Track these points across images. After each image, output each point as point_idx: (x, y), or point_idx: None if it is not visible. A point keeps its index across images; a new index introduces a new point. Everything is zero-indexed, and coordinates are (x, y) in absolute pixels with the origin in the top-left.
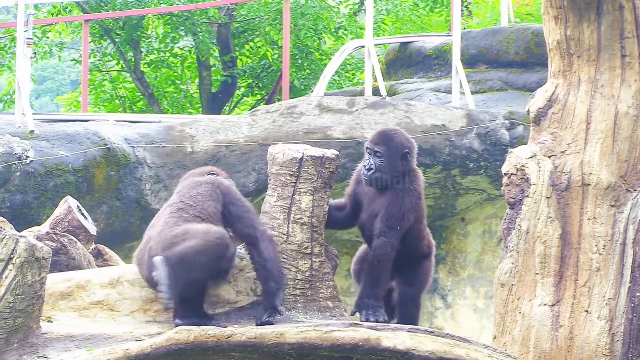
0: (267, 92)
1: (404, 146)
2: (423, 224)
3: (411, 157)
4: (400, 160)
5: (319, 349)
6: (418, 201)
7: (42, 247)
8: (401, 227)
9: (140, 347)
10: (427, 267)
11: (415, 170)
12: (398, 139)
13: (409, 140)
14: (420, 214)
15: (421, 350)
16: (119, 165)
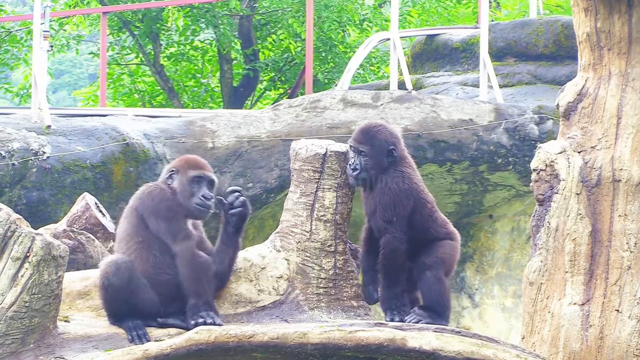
0: (289, 86)
1: (389, 142)
2: (429, 207)
3: (397, 151)
4: (386, 157)
5: (343, 349)
6: (411, 185)
7: (59, 245)
8: (400, 216)
9: (159, 348)
10: (447, 246)
11: (404, 158)
12: (382, 135)
13: (393, 134)
14: (421, 197)
15: (448, 351)
16: (138, 161)
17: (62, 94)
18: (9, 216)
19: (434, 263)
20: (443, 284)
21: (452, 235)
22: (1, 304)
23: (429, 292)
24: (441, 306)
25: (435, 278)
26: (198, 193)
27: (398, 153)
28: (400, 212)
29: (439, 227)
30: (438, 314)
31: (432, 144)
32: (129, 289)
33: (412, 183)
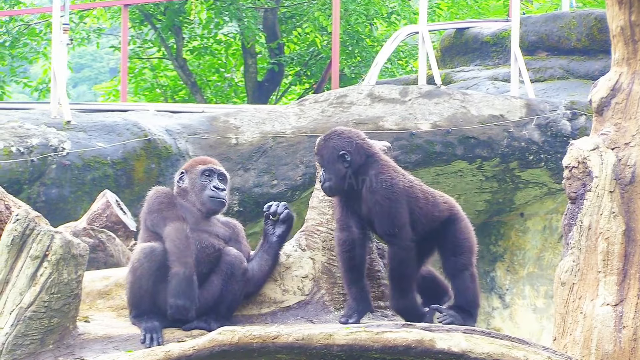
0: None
1: (338, 149)
2: (424, 198)
3: (353, 154)
4: (341, 164)
5: (369, 350)
6: (398, 188)
7: (78, 244)
8: (400, 224)
9: (181, 349)
10: (465, 232)
11: (377, 159)
12: (331, 143)
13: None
14: (412, 192)
15: (477, 353)
16: (160, 158)
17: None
18: (28, 214)
19: (468, 261)
20: (476, 282)
21: (453, 208)
22: (20, 304)
23: (466, 292)
24: (474, 306)
25: (472, 277)
26: (209, 185)
27: (355, 157)
28: (401, 221)
29: (441, 206)
30: (470, 314)
31: (462, 141)
32: (157, 275)
33: (398, 187)
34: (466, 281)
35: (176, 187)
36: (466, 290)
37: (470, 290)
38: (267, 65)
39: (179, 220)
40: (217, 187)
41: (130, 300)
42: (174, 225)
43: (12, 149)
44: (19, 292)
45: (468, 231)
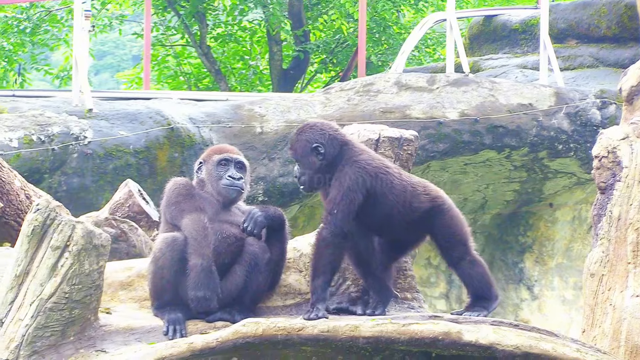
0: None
1: (311, 141)
2: (402, 187)
3: (326, 147)
4: (314, 157)
5: (396, 342)
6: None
7: (100, 234)
8: (341, 210)
9: (205, 341)
10: (448, 222)
11: (351, 147)
12: (304, 136)
13: (316, 131)
14: (385, 179)
15: (505, 345)
16: (183, 147)
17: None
18: (49, 203)
19: (462, 252)
20: (478, 264)
21: (437, 198)
22: (40, 295)
23: (470, 280)
24: (486, 289)
25: (471, 263)
26: (225, 175)
27: (329, 149)
28: (345, 208)
29: (422, 197)
30: (486, 298)
31: (490, 130)
32: (179, 266)
33: (368, 173)
34: (466, 270)
35: (195, 178)
36: (470, 279)
37: (473, 277)
38: (293, 52)
39: (197, 211)
40: (233, 176)
41: (152, 291)
42: (191, 216)
43: (32, 138)
44: (40, 283)
45: (455, 223)
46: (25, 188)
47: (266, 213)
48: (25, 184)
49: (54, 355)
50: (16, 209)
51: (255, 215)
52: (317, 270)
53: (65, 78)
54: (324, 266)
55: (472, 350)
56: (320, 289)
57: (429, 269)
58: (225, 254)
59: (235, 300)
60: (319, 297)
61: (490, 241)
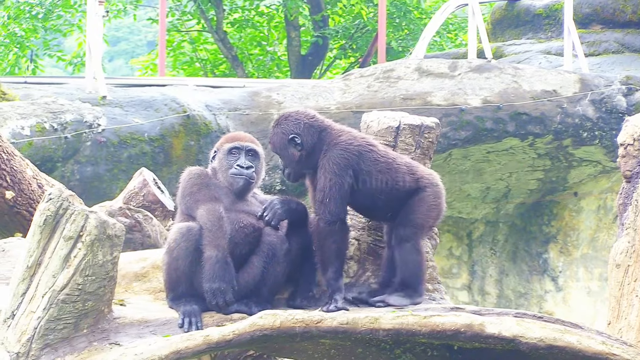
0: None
1: (287, 133)
2: (386, 163)
3: (304, 136)
4: (293, 149)
5: (417, 335)
6: (343, 159)
7: (114, 224)
8: (332, 196)
9: (221, 334)
10: (421, 204)
11: (330, 131)
12: (279, 129)
13: (291, 121)
14: (369, 157)
15: (529, 337)
16: (199, 134)
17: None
18: (61, 193)
19: (412, 234)
20: (421, 255)
21: (423, 181)
22: (52, 287)
23: (406, 264)
24: (418, 280)
25: (415, 249)
26: (234, 164)
27: (307, 138)
28: (333, 193)
29: (407, 176)
30: (413, 289)
31: (513, 117)
32: (194, 256)
33: (351, 154)
34: (407, 253)
35: (210, 166)
36: (404, 263)
37: (409, 262)
38: (311, 38)
39: (212, 201)
40: (240, 164)
41: (167, 283)
42: (206, 207)
43: (45, 125)
44: (52, 274)
45: (423, 205)
46: (38, 177)
47: (287, 207)
48: (38, 173)
49: (66, 348)
50: (28, 199)
51: (275, 207)
52: (324, 263)
53: (79, 64)
54: (329, 257)
55: (495, 343)
56: (334, 280)
57: (451, 260)
58: (242, 245)
59: (252, 292)
60: (335, 288)
61: (514, 231)
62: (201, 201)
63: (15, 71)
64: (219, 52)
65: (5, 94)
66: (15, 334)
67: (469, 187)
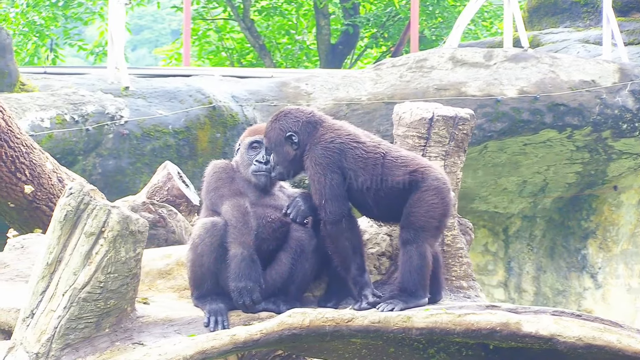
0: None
1: (285, 130)
2: (371, 161)
3: (301, 134)
4: (289, 146)
5: (451, 334)
6: (332, 155)
7: (137, 220)
8: (328, 196)
9: (248, 333)
10: (418, 200)
11: (322, 125)
12: (277, 124)
13: (290, 118)
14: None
15: (567, 336)
16: (226, 126)
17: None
18: (82, 187)
19: (414, 236)
20: (423, 259)
21: (417, 174)
22: (73, 284)
23: (404, 268)
24: (418, 285)
25: (418, 253)
26: (254, 159)
27: (303, 137)
28: (328, 192)
29: (399, 169)
30: (410, 293)
31: (551, 108)
32: (219, 252)
33: (333, 152)
34: (406, 256)
35: (234, 159)
36: (404, 266)
37: (411, 267)
38: (341, 26)
39: (237, 196)
40: (259, 160)
41: (191, 280)
42: (231, 202)
43: (65, 117)
44: (73, 271)
45: (427, 206)
46: (58, 171)
47: (311, 203)
48: (58, 167)
49: (88, 348)
50: (48, 193)
51: (299, 204)
52: (345, 263)
53: (100, 54)
54: (347, 255)
55: (532, 342)
56: (359, 276)
57: (487, 256)
58: (269, 240)
59: (280, 290)
60: (362, 284)
61: (552, 226)
62: (226, 196)
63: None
64: (246, 41)
65: (24, 84)
66: (34, 333)
67: (505, 180)
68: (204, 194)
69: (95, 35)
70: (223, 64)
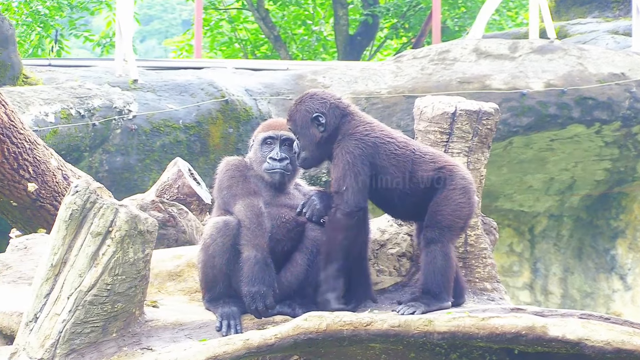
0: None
1: (311, 111)
2: (402, 157)
3: (328, 116)
4: (315, 128)
5: (474, 338)
6: (366, 146)
7: (146, 219)
8: (350, 185)
9: (262, 338)
10: (445, 199)
11: (353, 117)
12: (303, 106)
13: (317, 100)
14: (381, 154)
15: (595, 340)
16: (239, 121)
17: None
18: (89, 185)
19: (439, 236)
20: (448, 260)
21: (444, 170)
22: (79, 287)
23: (427, 269)
24: (441, 287)
25: (442, 253)
26: (268, 156)
27: (330, 119)
28: (352, 181)
29: (427, 164)
30: (433, 295)
31: (579, 102)
32: (232, 253)
33: (366, 145)
34: (432, 257)
35: (248, 156)
36: (427, 266)
37: (435, 267)
38: (360, 16)
39: (251, 195)
40: (273, 156)
41: (203, 282)
42: (244, 202)
43: (71, 112)
44: (79, 273)
45: (450, 202)
46: (63, 168)
47: (327, 202)
48: (63, 164)
49: (94, 353)
50: (52, 191)
51: (314, 202)
52: (329, 257)
53: (107, 45)
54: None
55: (559, 347)
56: (333, 279)
57: (511, 257)
58: (284, 241)
59: (295, 292)
60: (331, 287)
61: (579, 225)
62: (239, 195)
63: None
64: (260, 32)
65: (27, 77)
66: (38, 338)
67: (531, 178)
68: (216, 193)
69: (102, 26)
70: (236, 56)
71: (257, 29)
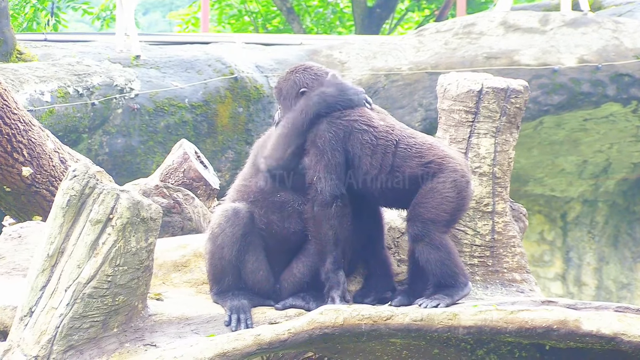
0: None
1: (299, 84)
2: (380, 148)
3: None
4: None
5: (502, 333)
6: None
7: (149, 205)
8: (323, 173)
9: (274, 333)
10: (431, 190)
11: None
12: (293, 76)
13: (309, 74)
14: (354, 148)
15: (632, 335)
16: (249, 100)
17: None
18: (88, 169)
19: (422, 231)
20: (441, 250)
21: (433, 165)
22: (77, 279)
23: (429, 267)
24: (449, 276)
25: (428, 246)
26: None
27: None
28: (323, 170)
29: (413, 160)
30: (451, 285)
31: (614, 79)
32: (242, 244)
33: (338, 128)
34: (424, 254)
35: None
36: (428, 264)
37: (431, 262)
38: None
39: None
40: None
41: (210, 274)
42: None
43: (68, 90)
44: (77, 264)
45: (440, 198)
46: (60, 150)
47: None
48: (60, 146)
49: (93, 350)
50: (49, 176)
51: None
52: (322, 252)
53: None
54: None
55: (593, 342)
56: (332, 272)
57: (542, 245)
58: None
59: (309, 285)
60: (333, 283)
61: (615, 211)
62: None
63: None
64: (272, 4)
65: (21, 53)
66: (33, 334)
67: (563, 160)
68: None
69: None
70: (246, 30)
71: (269, 1)
